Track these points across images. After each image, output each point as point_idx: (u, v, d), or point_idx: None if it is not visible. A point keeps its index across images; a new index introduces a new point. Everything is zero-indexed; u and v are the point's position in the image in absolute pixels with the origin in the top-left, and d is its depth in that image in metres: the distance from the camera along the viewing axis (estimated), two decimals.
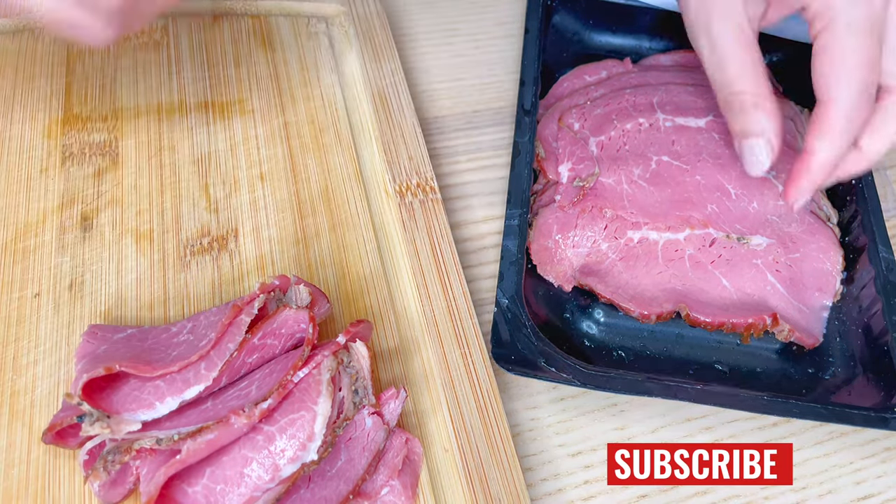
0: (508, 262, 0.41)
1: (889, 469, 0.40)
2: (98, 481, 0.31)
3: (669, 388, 0.37)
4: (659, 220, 0.44)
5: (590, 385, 0.37)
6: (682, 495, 0.38)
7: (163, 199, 0.44)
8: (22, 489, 0.34)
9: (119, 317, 0.39)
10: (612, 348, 0.42)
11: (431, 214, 0.44)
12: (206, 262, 0.42)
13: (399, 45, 0.55)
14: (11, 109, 0.46)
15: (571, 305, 0.43)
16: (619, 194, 0.45)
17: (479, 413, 0.38)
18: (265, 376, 0.34)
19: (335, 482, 0.33)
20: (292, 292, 0.36)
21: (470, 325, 0.40)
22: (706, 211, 0.44)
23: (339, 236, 0.43)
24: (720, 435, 0.40)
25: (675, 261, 0.43)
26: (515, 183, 0.44)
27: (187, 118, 0.47)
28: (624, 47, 0.56)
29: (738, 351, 0.42)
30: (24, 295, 0.39)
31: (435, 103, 0.53)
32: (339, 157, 0.47)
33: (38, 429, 0.35)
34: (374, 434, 0.34)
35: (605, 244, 0.44)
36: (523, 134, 0.46)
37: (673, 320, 0.42)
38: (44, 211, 0.42)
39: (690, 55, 0.54)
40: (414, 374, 0.39)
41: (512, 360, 0.37)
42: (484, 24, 0.58)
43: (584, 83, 0.52)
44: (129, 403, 0.32)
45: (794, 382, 0.41)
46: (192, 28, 0.52)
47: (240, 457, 0.32)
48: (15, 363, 0.37)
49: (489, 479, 0.36)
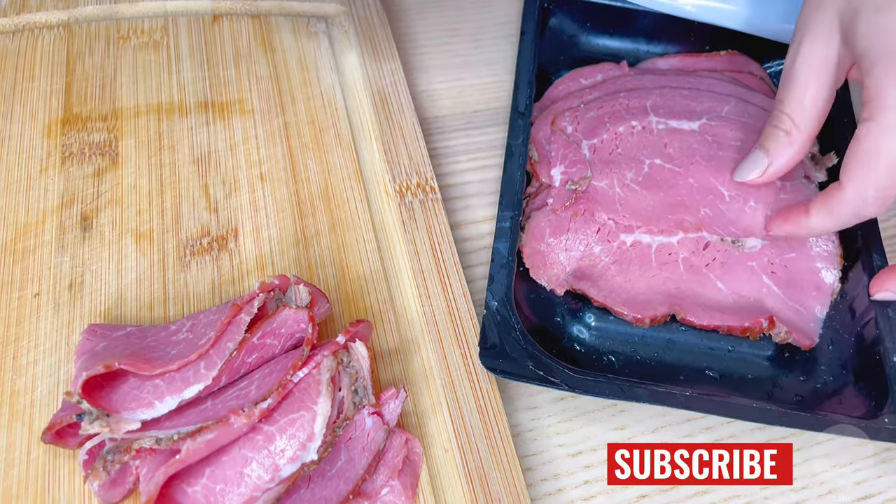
0: (499, 264, 0.41)
1: (889, 469, 0.40)
2: (98, 481, 0.31)
3: (658, 393, 0.37)
4: (651, 223, 0.44)
5: (578, 389, 0.37)
6: (682, 495, 0.38)
7: (163, 199, 0.44)
8: (22, 489, 0.34)
9: (119, 316, 0.39)
10: (603, 353, 0.42)
11: (431, 214, 0.44)
12: (206, 262, 0.42)
13: (399, 45, 0.55)
14: (11, 109, 0.46)
15: (563, 309, 0.43)
16: (611, 198, 0.45)
17: (479, 413, 0.38)
18: (265, 376, 0.34)
19: (335, 482, 0.33)
20: (292, 292, 0.36)
21: (470, 325, 0.40)
22: (699, 214, 0.44)
23: (339, 236, 0.43)
24: (720, 435, 0.40)
25: (669, 264, 0.43)
26: (508, 185, 0.44)
27: (187, 118, 0.47)
28: (621, 50, 0.56)
29: (729, 357, 0.42)
30: (24, 295, 0.39)
31: (435, 103, 0.53)
32: (339, 157, 0.47)
33: (38, 429, 0.35)
34: (374, 434, 0.34)
35: (597, 247, 0.44)
36: (517, 136, 0.46)
37: (664, 326, 0.42)
38: (44, 211, 0.42)
39: (688, 59, 0.54)
40: (414, 374, 0.39)
41: (500, 363, 0.37)
42: (484, 24, 0.58)
43: (580, 86, 0.52)
44: (128, 402, 0.32)
45: (785, 390, 0.41)
46: (192, 28, 0.52)
47: (239, 457, 0.32)
48: (15, 363, 0.37)
49: (489, 479, 0.36)
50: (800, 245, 0.43)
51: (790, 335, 0.41)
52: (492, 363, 0.37)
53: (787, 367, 0.42)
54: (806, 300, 0.42)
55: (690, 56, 0.54)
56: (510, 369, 0.37)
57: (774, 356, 0.42)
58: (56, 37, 0.50)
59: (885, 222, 0.48)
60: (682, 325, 0.42)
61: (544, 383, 0.37)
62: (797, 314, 0.42)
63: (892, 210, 0.49)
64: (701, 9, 0.51)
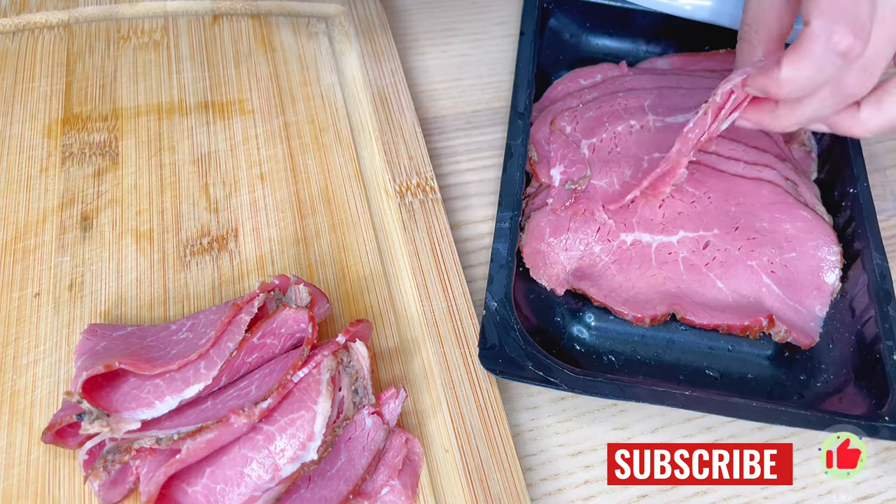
0: (498, 264, 0.41)
1: (889, 469, 0.40)
2: (98, 481, 0.31)
3: (658, 393, 0.37)
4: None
5: (578, 390, 0.37)
6: (682, 495, 0.38)
7: (163, 199, 0.44)
8: (22, 489, 0.34)
9: (119, 316, 0.39)
10: (603, 353, 0.42)
11: (431, 214, 0.44)
12: (206, 262, 0.42)
13: (399, 45, 0.55)
14: (11, 109, 0.46)
15: (562, 309, 0.43)
16: (611, 196, 0.45)
17: (479, 413, 0.38)
18: (265, 376, 0.34)
19: (335, 482, 0.33)
20: (292, 292, 0.36)
21: (470, 325, 0.40)
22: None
23: (339, 236, 0.43)
24: (720, 435, 0.40)
25: (669, 263, 0.43)
26: (507, 186, 0.44)
27: (187, 118, 0.47)
28: (621, 50, 0.56)
29: (729, 357, 0.42)
30: (24, 295, 0.39)
31: (435, 103, 0.53)
32: (339, 157, 0.47)
33: (38, 429, 0.35)
34: (374, 434, 0.34)
35: (597, 247, 0.44)
36: (516, 136, 0.46)
37: (664, 325, 0.42)
38: (44, 211, 0.42)
39: (687, 59, 0.54)
40: (414, 374, 0.39)
41: (500, 363, 0.38)
42: (484, 24, 0.58)
43: (579, 86, 0.52)
44: (128, 402, 0.32)
45: (785, 389, 0.41)
46: (192, 28, 0.52)
47: (240, 456, 0.32)
48: (15, 363, 0.37)
49: (489, 479, 0.36)
50: (801, 244, 0.43)
51: (790, 334, 0.41)
52: (492, 363, 0.37)
53: (787, 366, 0.42)
54: (806, 299, 0.42)
55: (690, 56, 0.54)
56: (510, 369, 0.37)
57: (774, 355, 0.42)
58: (56, 37, 0.50)
59: (885, 222, 0.48)
60: (681, 325, 0.42)
61: (544, 383, 0.37)
62: (797, 313, 0.42)
63: (892, 210, 0.49)
64: (700, 8, 0.51)
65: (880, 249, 0.43)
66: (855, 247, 0.43)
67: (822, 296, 0.43)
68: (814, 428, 0.37)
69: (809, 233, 0.44)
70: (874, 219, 0.44)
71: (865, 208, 0.44)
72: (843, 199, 0.45)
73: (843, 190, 0.46)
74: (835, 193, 0.47)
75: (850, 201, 0.45)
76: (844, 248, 0.44)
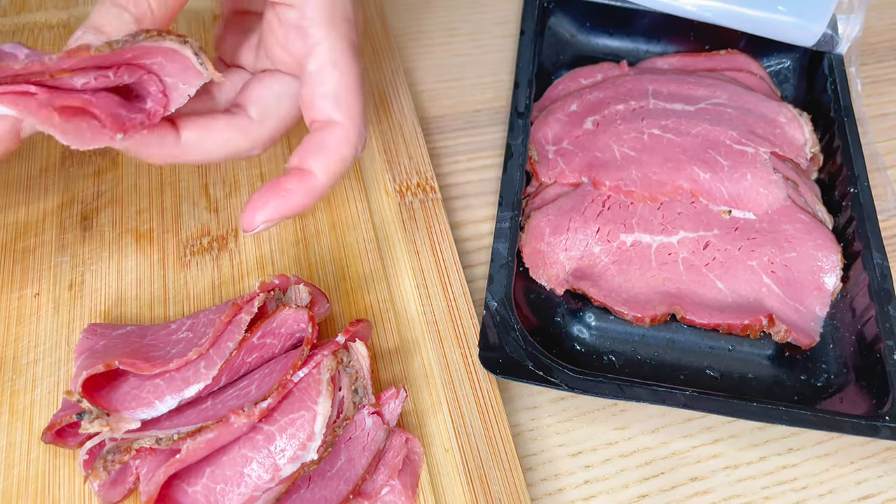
0: (498, 264, 0.41)
1: (889, 469, 0.40)
2: (98, 481, 0.31)
3: (658, 393, 0.37)
4: (646, 190, 0.44)
5: (578, 389, 0.37)
6: (683, 495, 0.38)
7: (163, 198, 0.44)
8: (22, 489, 0.34)
9: (119, 316, 0.39)
10: (603, 353, 0.42)
11: (431, 214, 0.44)
12: (206, 262, 0.42)
13: (399, 45, 0.55)
14: None
15: (562, 309, 0.43)
16: (615, 164, 0.46)
17: (479, 413, 0.38)
18: (265, 376, 0.34)
19: (335, 482, 0.33)
20: (292, 292, 0.36)
21: (470, 325, 0.40)
22: (699, 179, 0.45)
23: (338, 236, 0.43)
24: (720, 434, 0.40)
25: (669, 263, 0.43)
26: (507, 185, 0.44)
27: None
28: (621, 50, 0.56)
29: (729, 356, 0.42)
30: (24, 295, 0.39)
31: (435, 103, 0.53)
32: None
33: (38, 428, 0.35)
34: (374, 434, 0.34)
35: (597, 247, 0.44)
36: (516, 136, 0.46)
37: (665, 325, 0.42)
38: (44, 210, 0.42)
39: (687, 59, 0.54)
40: (414, 374, 0.39)
41: (500, 363, 0.38)
42: (484, 24, 0.58)
43: (579, 86, 0.52)
44: (128, 402, 0.32)
45: (785, 388, 0.41)
46: (192, 28, 0.52)
47: (240, 456, 0.32)
48: (15, 363, 0.37)
49: (489, 479, 0.36)
50: (801, 244, 0.43)
51: (790, 334, 0.41)
52: (492, 363, 0.37)
53: (787, 365, 0.42)
54: (806, 300, 0.42)
55: (690, 55, 0.54)
56: (510, 369, 0.37)
57: (775, 355, 0.42)
58: (56, 37, 0.50)
59: (885, 222, 0.48)
60: (682, 325, 0.42)
61: (544, 383, 0.37)
62: (797, 313, 0.42)
63: (893, 210, 0.49)
64: (701, 8, 0.51)
65: (880, 249, 0.43)
66: (855, 247, 0.43)
67: (822, 296, 0.43)
68: (814, 428, 0.37)
69: (809, 233, 0.44)
70: (874, 219, 0.44)
71: (865, 208, 0.44)
72: (843, 199, 0.45)
73: (843, 190, 0.46)
74: (835, 193, 0.47)
75: (850, 201, 0.45)
76: (844, 248, 0.44)
